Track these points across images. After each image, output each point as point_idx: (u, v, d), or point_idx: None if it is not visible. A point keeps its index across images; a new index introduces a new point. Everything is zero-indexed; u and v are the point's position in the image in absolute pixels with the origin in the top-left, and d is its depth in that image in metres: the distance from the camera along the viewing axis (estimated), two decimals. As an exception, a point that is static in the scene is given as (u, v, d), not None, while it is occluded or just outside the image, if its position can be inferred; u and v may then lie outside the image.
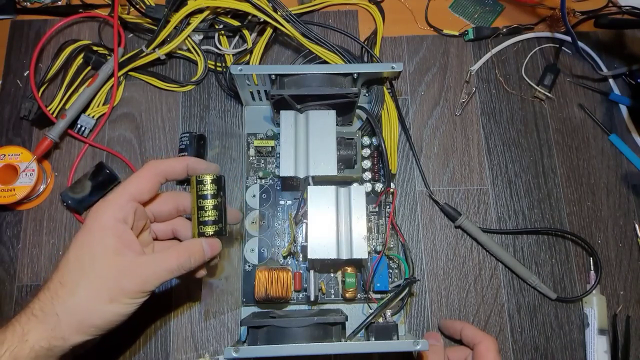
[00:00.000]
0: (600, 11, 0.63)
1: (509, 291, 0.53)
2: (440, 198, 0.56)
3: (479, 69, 0.61)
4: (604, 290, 0.53)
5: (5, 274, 0.53)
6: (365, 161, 0.53)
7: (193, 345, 0.51)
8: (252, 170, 0.55)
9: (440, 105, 0.60)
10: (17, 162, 0.54)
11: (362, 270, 0.51)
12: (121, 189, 0.40)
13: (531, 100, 0.60)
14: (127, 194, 0.40)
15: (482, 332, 0.47)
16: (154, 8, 0.56)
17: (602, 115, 0.60)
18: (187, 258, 0.40)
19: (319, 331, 0.43)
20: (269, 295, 0.48)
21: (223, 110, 0.59)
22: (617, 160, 0.58)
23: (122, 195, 0.40)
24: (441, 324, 0.51)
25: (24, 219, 0.55)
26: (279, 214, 0.54)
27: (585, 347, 0.52)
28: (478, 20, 0.63)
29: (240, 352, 0.41)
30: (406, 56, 0.61)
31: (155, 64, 0.60)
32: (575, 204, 0.56)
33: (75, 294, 0.37)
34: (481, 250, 0.54)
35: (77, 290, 0.37)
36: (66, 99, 0.57)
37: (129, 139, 0.57)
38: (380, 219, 0.53)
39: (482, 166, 0.57)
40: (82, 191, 0.53)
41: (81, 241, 0.38)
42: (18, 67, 0.60)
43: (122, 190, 0.40)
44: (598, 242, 0.55)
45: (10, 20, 0.62)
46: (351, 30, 0.62)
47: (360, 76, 0.51)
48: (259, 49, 0.58)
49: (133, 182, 0.41)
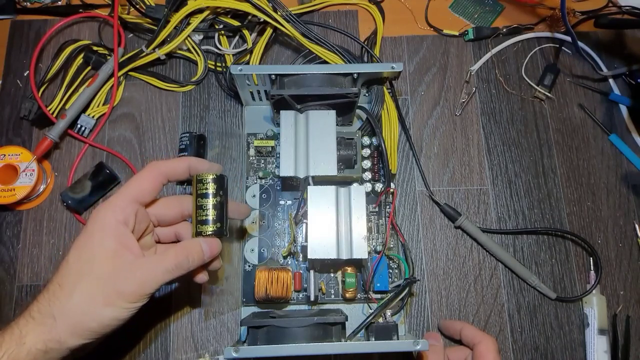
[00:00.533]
0: (600, 11, 0.63)
1: (509, 291, 0.53)
2: (440, 198, 0.56)
3: (479, 69, 0.61)
4: (604, 290, 0.53)
5: (5, 274, 0.53)
6: (365, 161, 0.53)
7: (193, 345, 0.51)
8: (252, 170, 0.55)
9: (440, 105, 0.60)
10: (17, 162, 0.54)
11: (362, 270, 0.51)
12: (122, 190, 0.40)
13: (531, 100, 0.60)
14: (129, 196, 0.39)
15: (482, 332, 0.47)
16: (154, 8, 0.56)
17: (602, 115, 0.60)
18: (185, 257, 0.39)
19: (319, 331, 0.43)
20: (269, 295, 0.48)
21: (223, 110, 0.59)
22: (617, 160, 0.58)
23: (124, 197, 0.39)
24: (441, 324, 0.51)
25: (24, 219, 0.55)
26: (279, 214, 0.54)
27: (585, 347, 0.52)
28: (478, 20, 0.63)
29: (240, 352, 0.41)
30: (406, 56, 0.61)
31: (155, 64, 0.60)
32: (575, 204, 0.56)
33: (72, 296, 0.36)
34: (481, 251, 0.54)
35: (74, 293, 0.37)
36: (66, 99, 0.57)
37: (129, 139, 0.57)
38: (380, 219, 0.53)
39: (482, 166, 0.57)
40: (82, 191, 0.53)
41: (81, 243, 0.38)
42: (18, 67, 0.60)
43: (123, 192, 0.40)
44: (598, 242, 0.55)
45: (10, 20, 0.62)
46: (351, 30, 0.62)
47: (360, 76, 0.51)
48: (259, 49, 0.58)
49: (134, 184, 0.40)
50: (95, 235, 0.38)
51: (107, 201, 0.39)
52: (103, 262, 0.37)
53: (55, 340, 0.36)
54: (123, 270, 0.37)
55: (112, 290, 0.37)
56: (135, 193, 0.40)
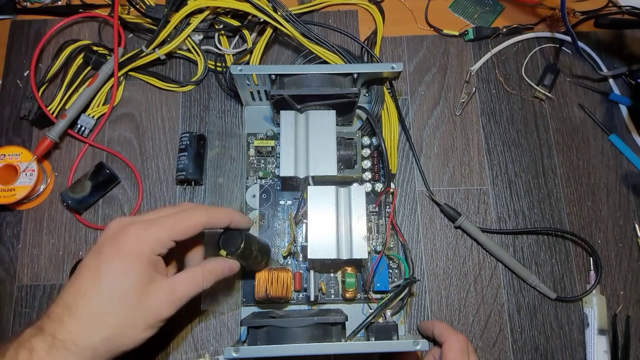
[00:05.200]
0: (600, 11, 0.63)
1: (509, 291, 0.53)
2: (440, 198, 0.56)
3: (479, 69, 0.61)
4: (604, 290, 0.53)
5: (5, 274, 0.53)
6: (365, 161, 0.53)
7: (193, 345, 0.51)
8: (252, 170, 0.55)
9: (440, 105, 0.60)
10: (17, 162, 0.54)
11: (362, 270, 0.51)
12: (167, 224, 0.39)
13: (531, 100, 0.60)
14: (171, 234, 0.39)
15: (450, 330, 0.45)
16: (154, 8, 0.56)
17: (602, 115, 0.60)
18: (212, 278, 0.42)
19: (319, 331, 0.43)
20: (269, 295, 0.48)
21: (223, 110, 0.59)
22: (617, 160, 0.58)
23: (166, 233, 0.39)
24: (419, 326, 0.51)
25: (24, 219, 0.55)
26: (279, 214, 0.54)
27: (585, 347, 0.52)
28: (478, 20, 0.63)
29: (240, 352, 0.41)
30: (406, 56, 0.61)
31: (155, 64, 0.60)
32: (575, 204, 0.56)
33: (112, 327, 0.37)
34: (481, 250, 0.54)
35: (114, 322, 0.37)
36: (66, 99, 0.57)
37: (129, 139, 0.57)
38: (380, 219, 0.53)
39: (482, 166, 0.57)
40: (82, 191, 0.53)
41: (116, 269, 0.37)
42: (18, 67, 0.60)
43: (167, 227, 0.39)
44: (598, 242, 0.55)
45: (10, 20, 0.62)
46: (351, 30, 0.62)
47: (360, 76, 0.51)
48: (259, 49, 0.58)
49: (181, 226, 0.40)
50: (131, 263, 0.38)
51: (149, 229, 0.39)
52: (140, 290, 0.38)
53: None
54: (159, 295, 0.38)
55: (150, 315, 0.38)
56: (176, 235, 0.40)
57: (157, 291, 0.38)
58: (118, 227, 0.39)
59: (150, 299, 0.38)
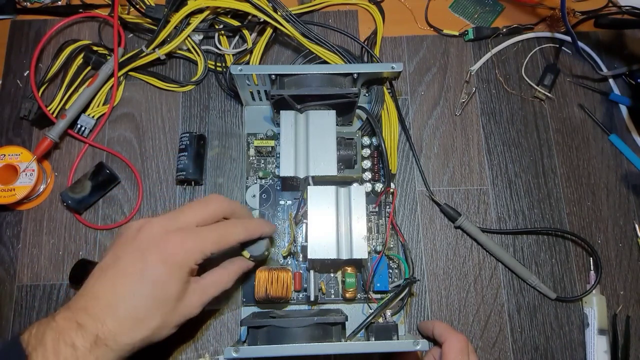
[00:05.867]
0: (600, 11, 0.63)
1: (509, 291, 0.53)
2: (440, 198, 0.56)
3: (479, 69, 0.61)
4: (604, 290, 0.53)
5: (5, 274, 0.53)
6: (365, 161, 0.53)
7: (193, 345, 0.51)
8: (252, 170, 0.55)
9: (440, 105, 0.60)
10: (17, 162, 0.54)
11: (362, 270, 0.51)
12: (212, 239, 0.41)
13: (531, 100, 0.60)
14: (214, 248, 0.41)
15: (450, 330, 0.45)
16: (154, 8, 0.56)
17: (602, 115, 0.60)
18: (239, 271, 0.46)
19: (319, 331, 0.43)
20: (269, 295, 0.48)
21: (223, 110, 0.59)
22: (617, 160, 0.58)
23: (210, 247, 0.41)
24: (418, 326, 0.51)
25: (24, 219, 0.55)
26: (279, 214, 0.54)
27: (585, 347, 0.52)
28: (478, 20, 0.63)
29: (240, 352, 0.41)
30: (406, 56, 0.61)
31: (155, 64, 0.60)
32: (575, 204, 0.56)
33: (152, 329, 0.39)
34: (481, 251, 0.54)
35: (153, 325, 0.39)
36: (66, 99, 0.57)
37: (129, 139, 0.57)
38: (380, 219, 0.53)
39: (482, 166, 0.57)
40: (82, 191, 0.53)
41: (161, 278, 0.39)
42: (18, 67, 0.60)
43: (212, 242, 0.41)
44: (598, 242, 0.55)
45: (10, 20, 0.62)
46: (351, 30, 0.62)
47: (360, 76, 0.51)
48: (259, 49, 0.58)
49: (223, 242, 0.42)
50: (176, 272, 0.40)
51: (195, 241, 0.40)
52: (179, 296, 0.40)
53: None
54: (192, 298, 0.41)
55: (183, 316, 0.41)
56: (218, 249, 0.42)
57: (191, 294, 0.41)
58: (160, 231, 0.40)
59: (185, 302, 0.41)
